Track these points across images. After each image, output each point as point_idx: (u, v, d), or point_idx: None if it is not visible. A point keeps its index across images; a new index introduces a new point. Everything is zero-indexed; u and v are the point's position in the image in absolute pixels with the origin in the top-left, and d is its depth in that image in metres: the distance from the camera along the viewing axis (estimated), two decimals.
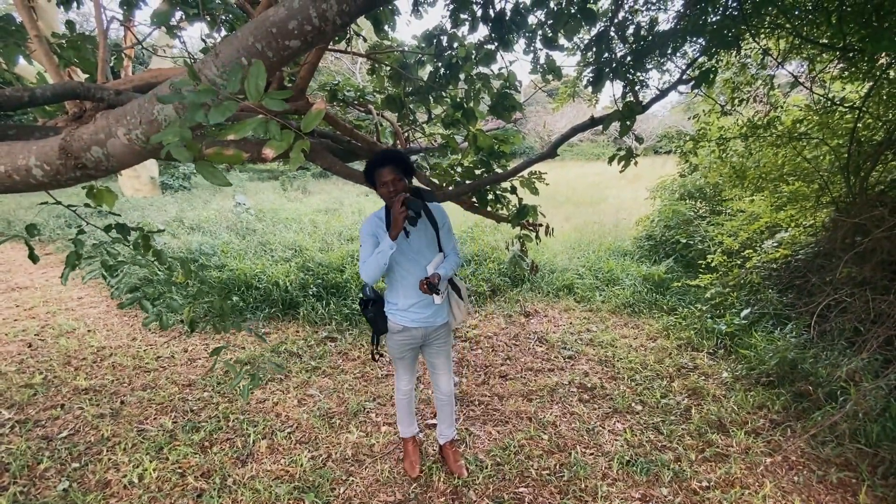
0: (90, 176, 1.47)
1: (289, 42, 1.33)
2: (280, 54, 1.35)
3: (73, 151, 1.39)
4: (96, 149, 1.40)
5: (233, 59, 1.33)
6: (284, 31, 1.31)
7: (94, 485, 2.32)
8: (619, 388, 3.22)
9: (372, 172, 2.04)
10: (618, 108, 2.94)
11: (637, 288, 4.84)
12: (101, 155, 1.42)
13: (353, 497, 2.24)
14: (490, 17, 2.78)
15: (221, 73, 1.34)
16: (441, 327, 2.25)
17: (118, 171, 1.56)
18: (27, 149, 1.42)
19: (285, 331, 4.20)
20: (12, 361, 3.66)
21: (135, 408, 3.03)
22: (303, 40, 1.33)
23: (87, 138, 1.39)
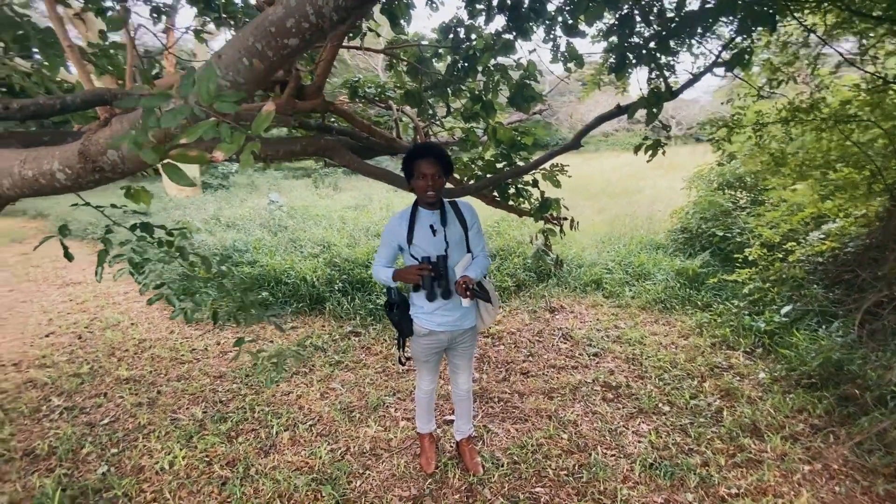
0: (108, 178, 1.54)
1: (287, 40, 1.33)
2: (280, 53, 1.35)
3: (91, 155, 1.45)
4: (112, 152, 1.46)
5: (235, 60, 1.34)
6: (282, 30, 1.31)
7: (130, 470, 2.46)
8: (646, 387, 3.10)
9: (411, 163, 1.97)
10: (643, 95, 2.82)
11: (669, 283, 4.64)
12: (117, 158, 1.48)
13: (369, 491, 2.27)
14: (507, 6, 2.70)
15: (225, 75, 1.37)
16: (468, 331, 2.18)
17: (133, 173, 1.62)
18: (51, 154, 1.50)
19: (311, 325, 4.31)
20: (64, 352, 3.93)
21: (169, 397, 3.19)
22: (301, 38, 1.33)
23: (103, 142, 1.45)
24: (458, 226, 2.12)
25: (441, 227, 2.06)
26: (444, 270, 2.00)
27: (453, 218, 2.12)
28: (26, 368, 3.62)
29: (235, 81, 1.37)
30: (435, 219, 2.07)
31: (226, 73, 1.36)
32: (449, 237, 2.06)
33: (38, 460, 2.52)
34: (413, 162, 1.99)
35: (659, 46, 2.65)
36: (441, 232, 2.06)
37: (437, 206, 2.08)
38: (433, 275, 1.97)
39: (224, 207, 9.36)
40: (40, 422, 2.90)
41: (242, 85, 1.39)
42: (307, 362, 3.59)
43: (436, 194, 2.00)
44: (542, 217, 3.70)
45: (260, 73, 1.37)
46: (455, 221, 2.12)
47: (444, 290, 2.00)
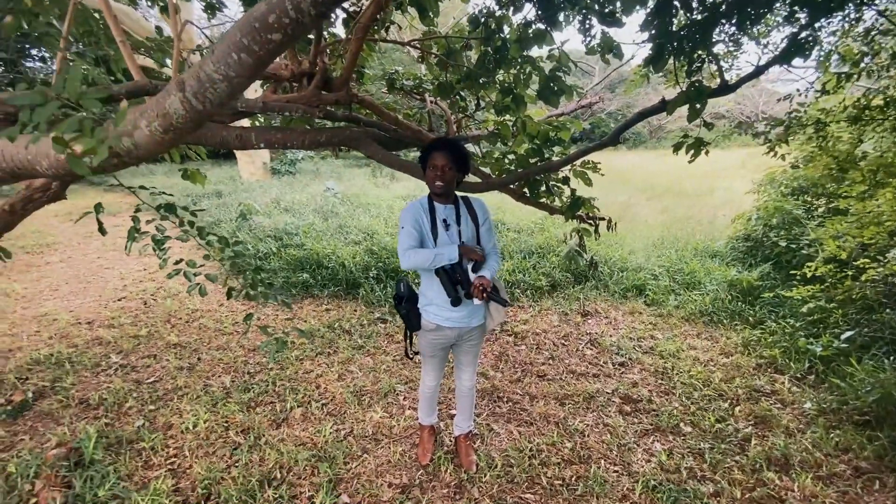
0: (124, 163, 1.69)
1: (271, 35, 1.37)
2: (265, 48, 1.40)
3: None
4: (126, 139, 1.60)
5: (225, 55, 1.41)
6: (265, 25, 1.36)
7: (161, 426, 2.72)
8: (670, 404, 2.90)
9: (427, 156, 2.01)
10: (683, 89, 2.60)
11: (719, 294, 4.27)
12: (131, 145, 1.62)
13: (362, 474, 2.34)
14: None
15: (217, 69, 1.45)
16: (476, 328, 2.16)
17: (146, 159, 1.76)
18: None
19: (344, 308, 4.48)
20: (129, 315, 4.42)
21: (207, 365, 3.48)
22: (283, 33, 1.37)
23: (119, 130, 1.60)
24: (470, 222, 2.10)
25: (454, 223, 2.05)
26: (461, 273, 1.98)
27: (465, 214, 2.11)
28: (97, 327, 4.12)
29: (227, 76, 1.44)
30: (448, 213, 2.06)
31: (218, 68, 1.43)
32: (462, 234, 2.05)
33: (88, 409, 2.87)
34: (428, 154, 2.00)
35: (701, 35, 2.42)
36: (454, 228, 2.05)
37: (449, 201, 2.08)
38: (451, 279, 1.96)
39: (286, 192, 9.94)
40: (98, 375, 3.30)
41: (234, 78, 1.46)
42: (332, 344, 3.75)
43: (443, 186, 1.99)
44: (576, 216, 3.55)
45: (249, 67, 1.43)
46: (467, 218, 2.11)
47: (467, 292, 1.98)
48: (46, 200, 2.74)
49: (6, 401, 2.89)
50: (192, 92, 1.51)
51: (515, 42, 2.86)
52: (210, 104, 1.54)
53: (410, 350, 2.25)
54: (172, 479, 2.27)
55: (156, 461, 2.42)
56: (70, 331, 4.04)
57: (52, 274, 5.74)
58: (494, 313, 2.14)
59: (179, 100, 1.52)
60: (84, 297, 4.95)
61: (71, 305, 4.68)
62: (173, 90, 1.54)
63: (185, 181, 2.83)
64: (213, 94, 1.51)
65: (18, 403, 2.85)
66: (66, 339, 3.86)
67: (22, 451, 2.40)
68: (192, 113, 1.56)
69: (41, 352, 3.57)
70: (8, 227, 2.62)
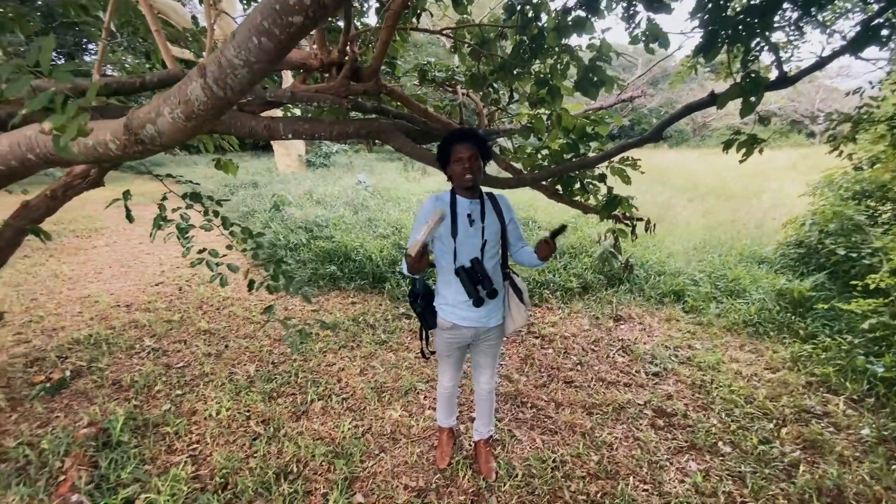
0: (149, 150, 1.68)
1: (292, 18, 1.30)
2: (286, 31, 1.33)
3: (133, 128, 1.60)
4: (149, 126, 1.59)
5: (246, 39, 1.36)
6: (286, 7, 1.29)
7: (186, 411, 2.77)
8: (708, 420, 2.70)
9: (447, 148, 1.89)
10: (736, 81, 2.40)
11: (766, 304, 3.97)
12: (154, 132, 1.60)
13: (378, 473, 2.29)
14: None
15: (237, 54, 1.40)
16: (493, 329, 2.06)
17: (170, 146, 1.75)
18: (106, 126, 1.68)
19: (369, 302, 4.46)
20: (165, 300, 4.56)
21: (233, 352, 3.53)
22: (305, 15, 1.30)
23: (143, 117, 1.58)
24: (495, 219, 2.00)
25: (479, 219, 1.95)
26: (482, 273, 1.89)
27: (491, 211, 2.00)
28: (134, 310, 4.27)
29: (248, 61, 1.39)
30: (474, 209, 1.96)
31: (238, 53, 1.38)
32: (487, 231, 1.95)
33: (120, 390, 2.96)
34: (450, 146, 1.90)
35: (760, 21, 2.21)
36: (479, 224, 1.95)
37: (475, 195, 1.98)
38: (472, 279, 1.87)
39: (319, 184, 10.08)
40: (131, 357, 3.40)
41: (255, 64, 1.41)
42: (355, 338, 3.73)
43: (473, 178, 1.89)
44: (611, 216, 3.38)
45: (270, 51, 1.37)
46: (493, 214, 2.00)
47: (489, 292, 1.89)
48: (86, 187, 2.81)
49: (46, 378, 3.02)
50: (212, 78, 1.46)
51: (553, 30, 2.71)
52: (231, 91, 1.50)
53: (427, 349, 2.17)
54: (192, 466, 2.29)
55: (178, 446, 2.45)
56: (109, 313, 4.21)
57: (97, 257, 6.02)
58: (516, 315, 2.03)
59: (201, 86, 1.48)
60: (125, 280, 5.15)
61: (112, 288, 4.88)
62: (195, 76, 1.50)
63: (227, 172, 2.85)
64: (233, 81, 1.46)
65: (57, 381, 2.97)
66: (105, 321, 4.01)
67: (56, 429, 2.49)
68: (213, 100, 1.52)
69: (81, 332, 3.73)
70: (49, 212, 2.71)
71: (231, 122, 2.51)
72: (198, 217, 2.24)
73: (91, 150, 1.73)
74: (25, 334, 3.67)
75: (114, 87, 2.20)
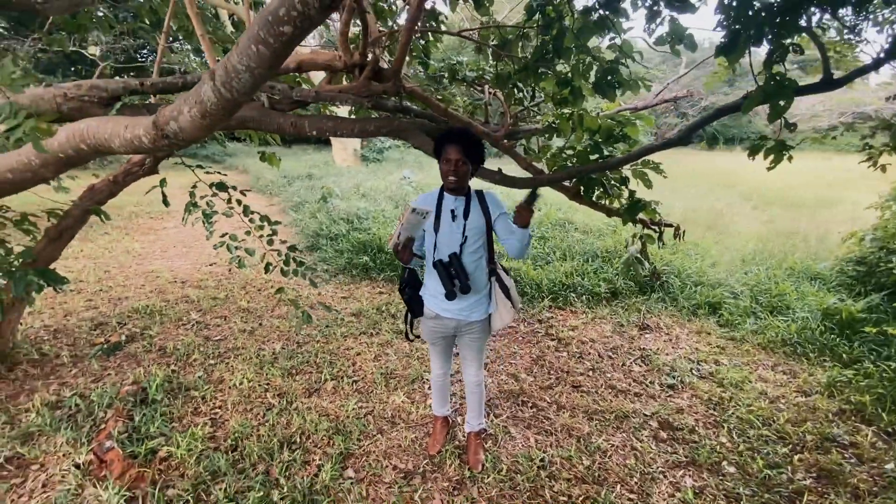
0: (174, 145, 1.91)
1: (282, 28, 1.45)
2: (279, 40, 1.48)
3: (160, 125, 1.83)
4: (173, 123, 1.81)
5: (246, 47, 1.53)
6: (277, 18, 1.44)
7: (214, 379, 3.07)
8: (717, 438, 2.59)
9: (440, 147, 1.99)
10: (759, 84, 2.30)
11: (810, 323, 3.67)
12: (177, 128, 1.82)
13: (372, 453, 2.43)
14: None
15: (240, 60, 1.56)
16: (476, 323, 2.12)
17: (191, 142, 1.97)
18: (139, 122, 1.93)
19: (395, 293, 4.63)
20: (214, 279, 5.01)
21: (266, 330, 3.83)
22: (294, 25, 1.44)
23: (168, 115, 1.81)
24: (480, 217, 2.05)
25: (461, 216, 2.02)
26: (458, 268, 1.97)
27: (477, 208, 2.06)
28: (187, 287, 4.74)
29: (249, 66, 1.55)
30: (458, 205, 2.04)
31: (241, 59, 1.55)
32: (468, 227, 2.02)
33: (164, 355, 3.33)
34: (441, 146, 1.98)
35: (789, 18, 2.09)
36: (460, 220, 2.02)
37: (461, 193, 2.05)
38: (448, 273, 1.96)
39: (368, 179, 10.47)
40: (178, 328, 3.80)
41: (255, 69, 1.57)
42: (376, 325, 3.91)
43: (457, 181, 1.97)
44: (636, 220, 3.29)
45: (267, 58, 1.53)
46: (478, 211, 2.06)
47: (462, 286, 1.97)
48: (142, 174, 3.18)
49: (105, 340, 3.46)
50: (220, 81, 1.65)
51: (573, 31, 2.69)
52: (236, 92, 1.68)
53: (411, 333, 2.28)
54: (211, 427, 2.56)
55: (203, 409, 2.73)
56: (166, 287, 4.70)
57: (164, 237, 6.70)
58: (503, 312, 2.08)
59: (211, 88, 1.68)
60: (184, 259, 5.71)
61: (172, 266, 5.43)
62: (207, 80, 1.70)
63: (290, 164, 3.10)
64: (238, 84, 1.64)
65: (113, 344, 3.40)
66: (162, 294, 4.49)
67: (105, 385, 2.87)
68: (221, 100, 1.71)
69: (141, 302, 4.20)
70: (112, 195, 3.09)
71: (261, 119, 2.74)
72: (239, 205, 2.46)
73: (128, 143, 1.99)
74: (94, 301, 4.21)
75: (159, 87, 2.48)
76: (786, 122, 2.28)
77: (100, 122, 2.01)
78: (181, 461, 2.27)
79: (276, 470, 2.24)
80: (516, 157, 3.26)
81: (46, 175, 2.20)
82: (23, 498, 2.04)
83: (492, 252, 2.09)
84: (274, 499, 2.06)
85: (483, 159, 2.07)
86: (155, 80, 2.41)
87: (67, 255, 5.41)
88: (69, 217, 2.94)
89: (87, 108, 2.28)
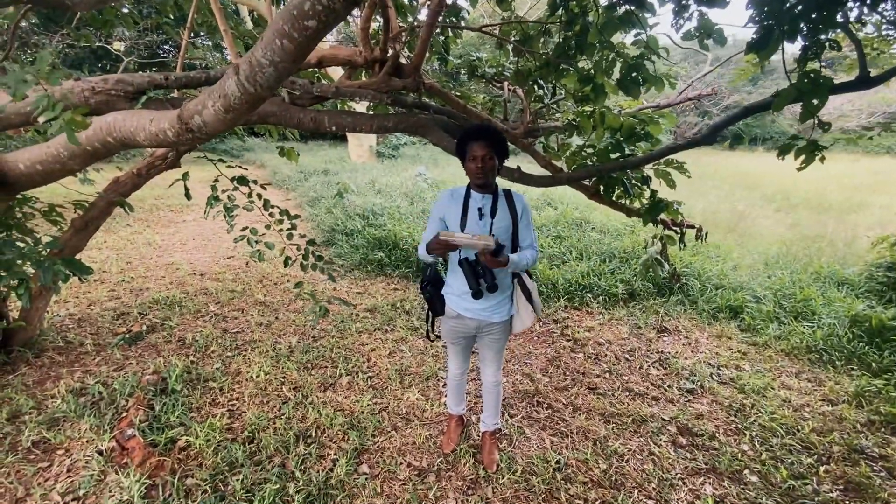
0: (198, 139, 1.93)
1: (307, 22, 1.45)
2: (303, 34, 1.48)
3: (184, 118, 1.85)
4: (197, 117, 1.83)
5: (271, 42, 1.53)
6: (302, 13, 1.44)
7: (232, 371, 3.11)
8: (738, 445, 2.52)
9: (464, 145, 1.94)
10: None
11: (836, 330, 3.56)
12: (201, 122, 1.84)
13: (386, 449, 2.43)
14: None
15: (264, 54, 1.57)
16: (497, 324, 2.09)
17: (214, 136, 1.99)
18: (164, 116, 1.95)
19: (409, 290, 4.64)
20: (232, 272, 5.08)
21: (282, 324, 3.87)
22: (318, 19, 1.44)
23: (192, 109, 1.83)
24: (507, 216, 2.02)
25: (488, 214, 2.00)
26: (485, 267, 1.94)
27: (504, 206, 2.03)
28: (206, 279, 4.81)
29: (273, 61, 1.56)
30: (485, 203, 2.01)
31: (265, 53, 1.55)
32: (495, 226, 1.99)
33: (183, 346, 3.38)
34: (466, 143, 1.95)
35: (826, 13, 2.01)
36: (487, 219, 1.99)
37: (489, 191, 2.02)
38: (474, 271, 1.92)
39: (384, 175, 10.50)
40: (197, 320, 3.86)
41: (279, 63, 1.58)
42: (391, 322, 3.91)
43: (485, 177, 1.94)
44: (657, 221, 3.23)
45: (291, 52, 1.53)
46: (505, 210, 2.02)
47: (489, 285, 1.93)
48: (165, 167, 3.22)
49: (127, 330, 3.53)
50: (244, 76, 1.65)
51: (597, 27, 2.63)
52: (260, 87, 1.68)
53: (432, 333, 2.24)
54: (228, 419, 2.59)
55: (220, 400, 2.77)
56: (186, 279, 4.78)
57: (184, 230, 6.82)
58: (524, 314, 2.05)
59: (235, 83, 1.68)
60: (203, 252, 5.80)
61: (192, 258, 5.52)
62: (231, 74, 1.71)
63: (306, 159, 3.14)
64: (261, 78, 1.65)
65: (135, 334, 3.46)
66: (181, 286, 4.57)
67: (127, 373, 2.93)
68: (245, 95, 1.72)
69: (161, 294, 4.28)
70: (135, 188, 3.15)
71: (282, 114, 2.76)
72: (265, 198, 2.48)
73: (153, 137, 2.01)
74: (117, 292, 4.30)
75: (183, 81, 2.51)
76: (818, 121, 2.20)
77: (126, 115, 2.03)
78: (199, 451, 2.30)
79: (292, 463, 2.26)
80: (535, 155, 3.22)
81: (74, 167, 2.24)
82: (49, 482, 2.10)
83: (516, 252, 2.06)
84: (290, 492, 2.08)
85: (507, 154, 2.03)
86: (179, 74, 2.44)
87: (92, 245, 5.55)
88: (94, 208, 3.00)
89: (113, 101, 2.31)
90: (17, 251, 2.19)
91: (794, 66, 2.18)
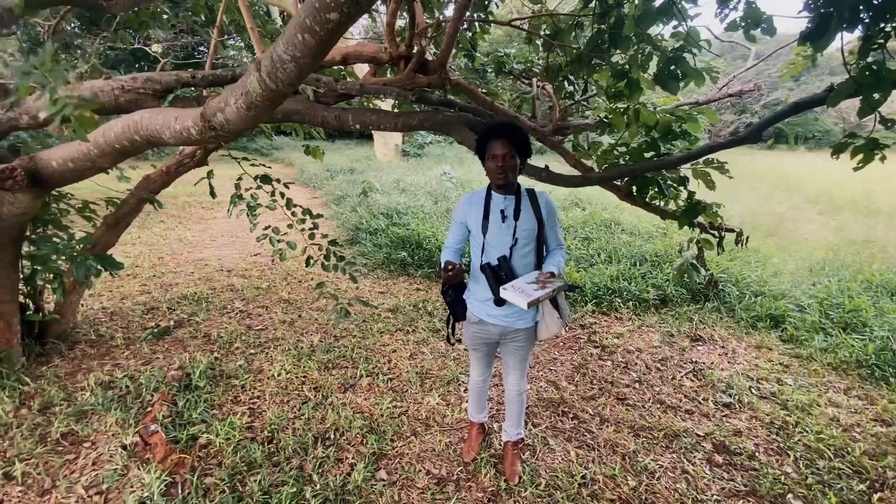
0: (220, 136, 1.91)
1: (329, 15, 1.39)
2: (325, 27, 1.43)
3: (207, 116, 1.83)
4: (219, 115, 1.81)
5: (292, 36, 1.49)
6: (324, 5, 1.38)
7: (254, 369, 3.12)
8: (781, 466, 2.35)
9: (483, 143, 1.87)
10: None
11: (890, 343, 3.29)
12: (223, 119, 1.82)
13: (405, 455, 2.37)
14: None
15: (286, 50, 1.52)
16: (521, 330, 2.01)
17: (238, 134, 1.96)
18: (188, 114, 1.94)
19: (432, 290, 4.58)
20: (258, 269, 5.14)
21: (305, 322, 3.87)
22: (340, 12, 1.38)
23: (214, 106, 1.81)
24: (532, 217, 1.92)
25: (511, 216, 1.91)
26: (508, 272, 1.86)
27: (528, 208, 1.93)
28: (233, 276, 4.88)
29: (294, 56, 1.51)
30: (508, 205, 1.92)
31: (286, 49, 1.51)
32: (519, 228, 1.90)
33: (208, 342, 3.42)
34: (486, 142, 1.87)
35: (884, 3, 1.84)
36: (511, 221, 1.90)
37: (511, 192, 1.93)
38: (496, 277, 1.86)
39: (409, 174, 10.49)
40: (223, 316, 3.91)
41: (300, 59, 1.53)
42: (412, 322, 3.86)
43: (506, 177, 1.85)
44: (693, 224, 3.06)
45: (312, 47, 1.48)
46: (529, 212, 1.93)
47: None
48: (193, 165, 3.26)
49: (155, 325, 3.60)
50: (266, 72, 1.62)
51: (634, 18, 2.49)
52: (281, 83, 1.64)
53: (453, 337, 2.15)
54: (249, 417, 2.59)
55: (242, 398, 2.78)
56: (213, 276, 4.86)
57: (214, 227, 6.97)
58: (549, 321, 1.94)
59: (256, 79, 1.65)
60: (231, 249, 5.90)
61: (220, 255, 5.63)
62: (252, 70, 1.67)
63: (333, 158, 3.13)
64: (283, 74, 1.61)
65: (163, 329, 3.53)
66: (209, 282, 4.65)
67: (154, 368, 2.97)
68: (266, 91, 1.68)
69: (189, 289, 4.36)
70: (164, 185, 3.19)
71: (306, 112, 2.73)
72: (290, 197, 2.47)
73: (178, 135, 2.01)
74: (148, 287, 4.41)
75: (209, 79, 2.51)
76: (881, 117, 2.01)
77: (152, 113, 2.04)
78: (219, 449, 2.30)
79: (310, 466, 2.23)
80: (564, 154, 3.09)
81: (104, 165, 2.27)
82: (74, 474, 2.13)
83: (541, 256, 1.96)
84: (307, 496, 2.05)
85: (530, 153, 1.93)
86: (206, 72, 2.44)
87: (126, 241, 5.72)
88: (125, 205, 3.06)
89: (142, 99, 2.34)
90: (51, 246, 2.24)
91: (850, 59, 2.00)
